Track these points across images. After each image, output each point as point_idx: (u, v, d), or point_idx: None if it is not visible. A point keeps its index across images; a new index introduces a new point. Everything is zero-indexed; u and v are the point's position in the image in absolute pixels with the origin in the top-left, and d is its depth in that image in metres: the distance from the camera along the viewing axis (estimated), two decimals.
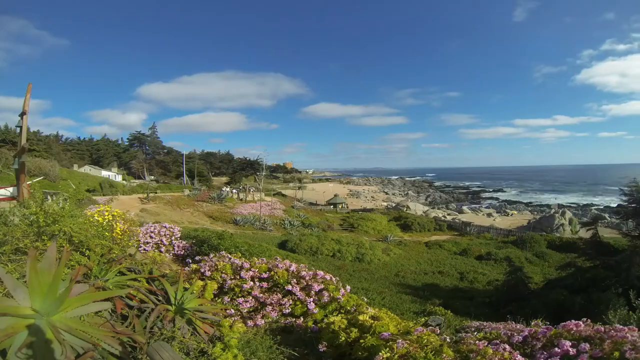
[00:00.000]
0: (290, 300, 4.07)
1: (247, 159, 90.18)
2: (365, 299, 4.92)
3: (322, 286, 4.28)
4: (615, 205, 47.11)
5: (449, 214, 51.04)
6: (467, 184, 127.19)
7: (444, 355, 2.29)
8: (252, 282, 4.12)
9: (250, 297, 3.98)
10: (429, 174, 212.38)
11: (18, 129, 6.60)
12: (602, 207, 56.43)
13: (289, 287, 4.15)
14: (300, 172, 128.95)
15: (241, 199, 44.95)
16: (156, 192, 41.49)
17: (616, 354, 2.17)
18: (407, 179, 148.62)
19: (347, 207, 55.51)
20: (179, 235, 9.25)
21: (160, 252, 8.08)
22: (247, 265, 4.37)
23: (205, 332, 2.61)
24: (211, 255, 4.85)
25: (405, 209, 51.56)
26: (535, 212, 51.75)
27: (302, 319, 3.95)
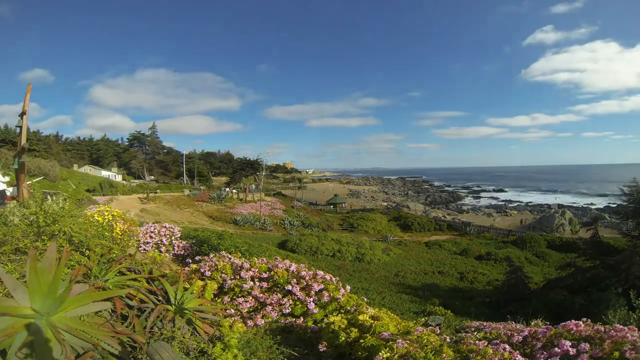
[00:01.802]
0: (290, 300, 4.06)
1: (247, 159, 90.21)
2: (365, 299, 4.92)
3: (322, 286, 4.28)
4: (615, 205, 47.12)
5: (449, 214, 51.05)
6: (468, 184, 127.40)
7: (444, 355, 2.29)
8: (252, 282, 4.12)
9: (250, 297, 3.98)
10: (427, 175, 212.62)
11: (18, 129, 6.60)
12: (602, 207, 56.45)
13: (289, 287, 4.15)
14: (300, 172, 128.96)
15: (241, 199, 44.96)
16: (156, 192, 41.48)
17: (616, 354, 2.17)
18: (407, 179, 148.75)
19: (350, 206, 55.52)
20: (179, 235, 9.24)
21: (160, 252, 8.07)
22: (247, 265, 4.37)
23: (205, 332, 2.61)
24: (211, 255, 4.85)
25: (405, 208, 51.56)
26: (535, 212, 51.78)
27: (302, 319, 3.95)
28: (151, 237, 8.63)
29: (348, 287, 4.53)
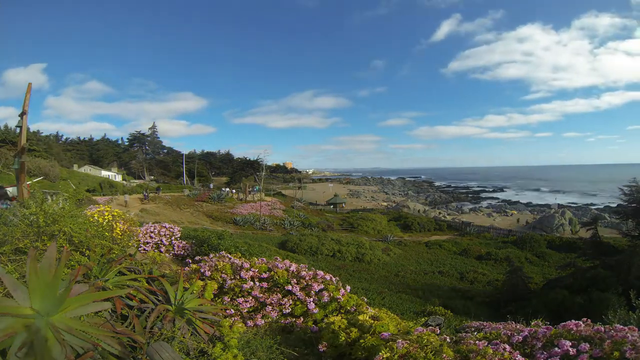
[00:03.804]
0: (290, 300, 4.06)
1: (247, 158, 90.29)
2: (365, 299, 4.92)
3: (322, 286, 4.28)
4: (615, 205, 47.12)
5: (449, 214, 51.05)
6: (468, 184, 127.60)
7: (444, 355, 2.29)
8: (252, 282, 4.12)
9: (250, 297, 3.98)
10: (428, 175, 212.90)
11: (18, 129, 6.60)
12: (602, 207, 56.45)
13: (289, 287, 4.15)
14: (300, 172, 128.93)
15: (241, 199, 44.94)
16: (156, 192, 41.47)
17: (616, 353, 2.17)
18: (407, 179, 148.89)
19: (350, 206, 55.50)
20: (178, 235, 9.25)
21: (160, 252, 8.08)
22: (247, 265, 4.37)
23: (205, 332, 2.61)
24: (211, 255, 4.85)
25: (405, 208, 51.56)
26: (535, 212, 51.76)
27: (302, 319, 3.96)
28: (151, 237, 8.63)
29: (348, 287, 4.53)
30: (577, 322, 2.70)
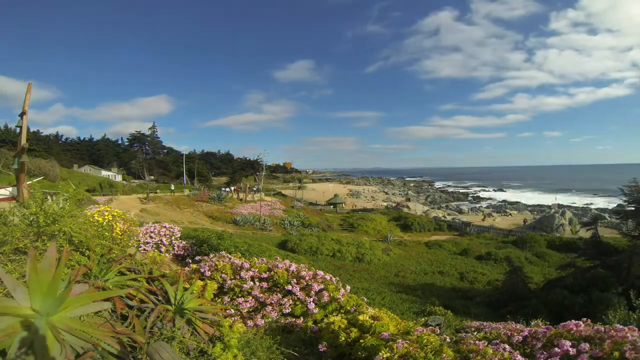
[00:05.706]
0: (290, 300, 4.07)
1: (247, 158, 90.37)
2: (365, 299, 4.92)
3: (322, 286, 4.28)
4: (615, 205, 47.12)
5: (448, 214, 51.03)
6: (467, 184, 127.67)
7: (444, 355, 2.29)
8: (252, 282, 4.12)
9: (250, 297, 3.98)
10: (428, 175, 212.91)
11: (18, 129, 6.60)
12: (602, 207, 56.44)
13: (289, 287, 4.15)
14: (300, 172, 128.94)
15: (241, 199, 44.93)
16: (156, 192, 41.48)
17: (616, 354, 2.17)
18: (407, 179, 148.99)
19: (352, 206, 55.50)
20: (178, 235, 9.25)
21: (160, 252, 8.07)
22: (247, 265, 4.37)
23: (205, 332, 2.61)
24: (211, 255, 4.85)
25: (405, 208, 51.54)
26: (535, 212, 51.76)
27: (302, 319, 3.95)
28: (151, 237, 8.63)
29: (348, 287, 4.53)
30: (577, 322, 2.70)
